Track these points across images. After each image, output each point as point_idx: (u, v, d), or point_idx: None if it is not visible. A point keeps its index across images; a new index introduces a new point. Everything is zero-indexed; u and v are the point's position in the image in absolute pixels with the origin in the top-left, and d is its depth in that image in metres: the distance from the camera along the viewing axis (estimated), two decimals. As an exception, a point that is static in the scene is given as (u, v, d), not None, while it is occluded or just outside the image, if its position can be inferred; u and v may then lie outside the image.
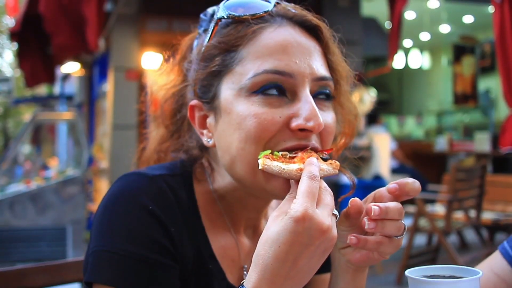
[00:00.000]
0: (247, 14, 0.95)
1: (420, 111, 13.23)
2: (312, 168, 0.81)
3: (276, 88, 0.90)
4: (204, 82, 0.98)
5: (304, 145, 0.90)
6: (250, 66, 0.91)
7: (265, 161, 0.84)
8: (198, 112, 1.01)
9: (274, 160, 0.85)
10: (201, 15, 1.08)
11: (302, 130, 0.89)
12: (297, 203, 0.76)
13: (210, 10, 1.07)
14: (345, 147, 1.09)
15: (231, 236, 1.05)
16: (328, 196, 0.81)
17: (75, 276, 1.32)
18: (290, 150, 0.90)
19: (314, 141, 0.92)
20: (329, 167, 0.87)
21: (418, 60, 13.07)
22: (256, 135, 0.89)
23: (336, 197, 0.91)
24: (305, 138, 0.90)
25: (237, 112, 0.91)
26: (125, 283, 0.88)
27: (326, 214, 0.77)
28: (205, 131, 1.00)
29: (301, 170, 0.82)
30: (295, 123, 0.88)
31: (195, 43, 1.09)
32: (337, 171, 0.88)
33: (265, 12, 0.95)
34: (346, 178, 1.04)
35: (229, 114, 0.92)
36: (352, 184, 1.03)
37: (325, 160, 0.89)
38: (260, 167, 0.84)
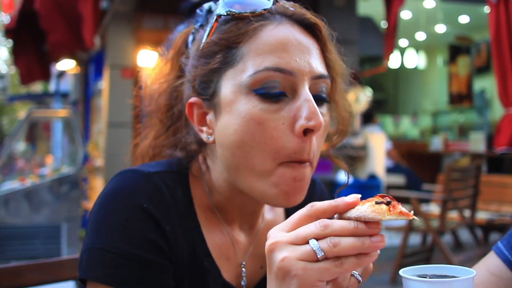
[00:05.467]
0: (247, 11, 0.95)
1: (415, 111, 13.27)
2: (322, 202, 0.73)
3: (276, 86, 0.90)
4: (204, 78, 0.98)
5: (303, 159, 0.90)
6: (251, 63, 0.91)
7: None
8: (197, 109, 1.00)
9: None
10: (197, 11, 1.09)
11: (305, 132, 0.89)
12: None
13: (206, 5, 1.07)
14: (339, 143, 1.09)
15: (226, 234, 1.05)
16: (306, 228, 0.71)
17: (70, 274, 1.32)
18: (296, 162, 0.90)
19: (313, 149, 0.92)
20: (371, 211, 0.69)
21: (414, 60, 13.11)
22: (262, 142, 0.89)
23: (331, 196, 0.91)
24: (308, 141, 0.90)
25: (239, 112, 0.91)
26: (117, 281, 0.88)
27: (282, 234, 0.72)
28: (204, 128, 1.00)
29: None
30: (298, 126, 0.88)
31: (190, 37, 1.10)
32: (383, 218, 0.68)
33: (265, 9, 0.95)
34: (342, 177, 1.05)
35: (229, 113, 0.92)
36: (347, 176, 1.04)
37: (385, 204, 0.70)
38: None
